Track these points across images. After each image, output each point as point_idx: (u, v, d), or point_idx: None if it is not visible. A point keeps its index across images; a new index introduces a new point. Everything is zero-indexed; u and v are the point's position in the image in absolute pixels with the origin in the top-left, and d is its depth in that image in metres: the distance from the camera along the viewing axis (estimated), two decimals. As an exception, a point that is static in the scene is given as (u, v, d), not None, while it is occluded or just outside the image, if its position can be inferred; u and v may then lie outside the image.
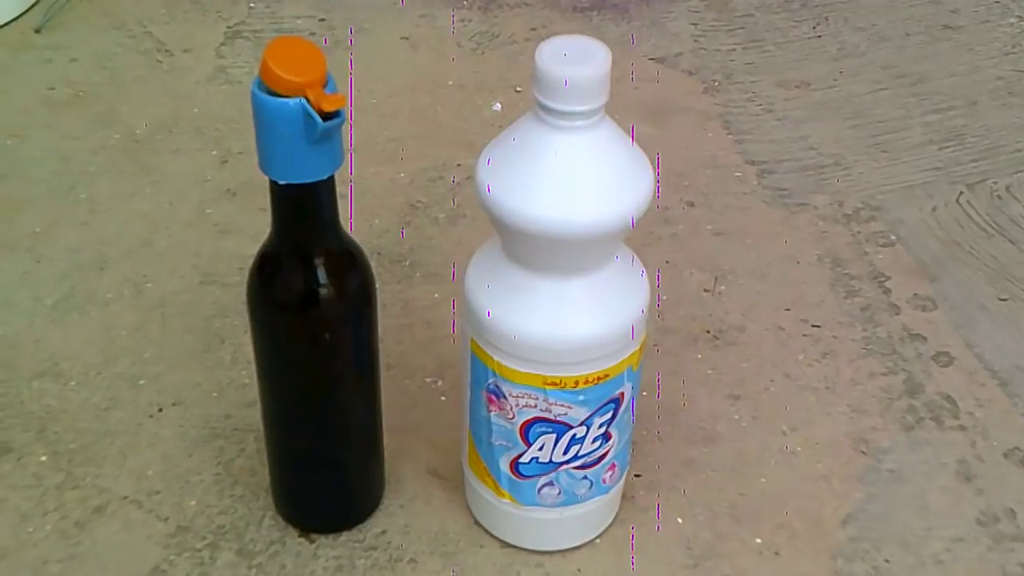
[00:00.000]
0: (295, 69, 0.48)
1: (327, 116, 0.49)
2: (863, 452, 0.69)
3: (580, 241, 0.52)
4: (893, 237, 0.85)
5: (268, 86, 0.49)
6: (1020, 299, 0.80)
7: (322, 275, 0.55)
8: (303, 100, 0.48)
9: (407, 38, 1.07)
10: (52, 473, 0.66)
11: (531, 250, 0.53)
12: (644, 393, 0.70)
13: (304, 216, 0.53)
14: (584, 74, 0.49)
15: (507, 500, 0.60)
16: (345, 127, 0.50)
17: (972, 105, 1.00)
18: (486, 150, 0.54)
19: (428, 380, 0.72)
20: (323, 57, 0.49)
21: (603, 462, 0.59)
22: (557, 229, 0.51)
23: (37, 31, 1.05)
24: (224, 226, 0.84)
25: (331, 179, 0.52)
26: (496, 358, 0.55)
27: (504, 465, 0.59)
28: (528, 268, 0.54)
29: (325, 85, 0.49)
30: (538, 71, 0.50)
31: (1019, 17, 1.12)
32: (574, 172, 0.51)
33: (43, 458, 0.67)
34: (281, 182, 0.51)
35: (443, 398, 0.71)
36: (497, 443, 0.58)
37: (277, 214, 0.54)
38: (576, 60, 0.50)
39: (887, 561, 0.63)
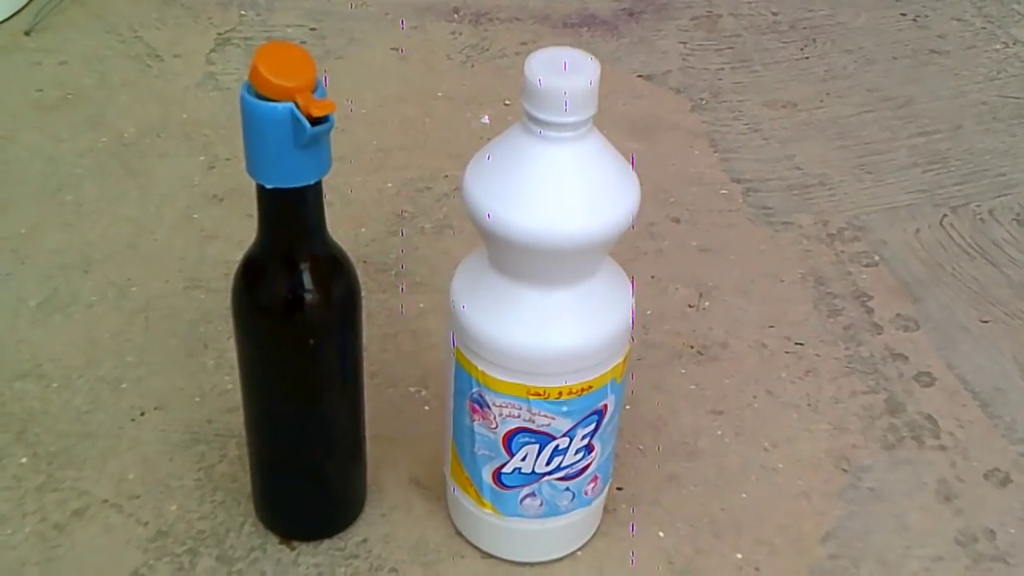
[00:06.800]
0: (285, 74, 0.48)
1: (315, 121, 0.49)
2: (844, 470, 0.69)
3: (566, 252, 0.52)
4: (876, 257, 0.86)
5: (257, 90, 0.49)
6: (1001, 321, 0.81)
7: (307, 280, 0.55)
8: (292, 105, 0.48)
9: (397, 49, 1.07)
10: (32, 475, 0.65)
11: (517, 260, 0.54)
12: (627, 407, 0.70)
13: (290, 221, 0.53)
14: (573, 85, 0.50)
15: (489, 510, 0.60)
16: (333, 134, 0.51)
17: (957, 129, 1.01)
18: (473, 160, 0.54)
19: (412, 389, 0.72)
20: (313, 62, 0.49)
21: (585, 474, 0.59)
22: (543, 240, 0.51)
23: (27, 33, 1.05)
24: (210, 231, 0.84)
25: (318, 184, 0.52)
26: (480, 367, 0.55)
27: (486, 475, 0.59)
28: (514, 278, 0.54)
29: (315, 90, 0.49)
30: (527, 82, 0.50)
31: (1005, 43, 1.14)
32: (561, 183, 0.52)
33: (23, 460, 0.66)
34: (268, 186, 0.51)
35: (427, 407, 0.71)
36: (480, 453, 0.58)
37: (263, 218, 0.54)
38: (565, 72, 0.50)
39: (866, 579, 0.63)
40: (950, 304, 0.82)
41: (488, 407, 0.56)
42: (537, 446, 0.57)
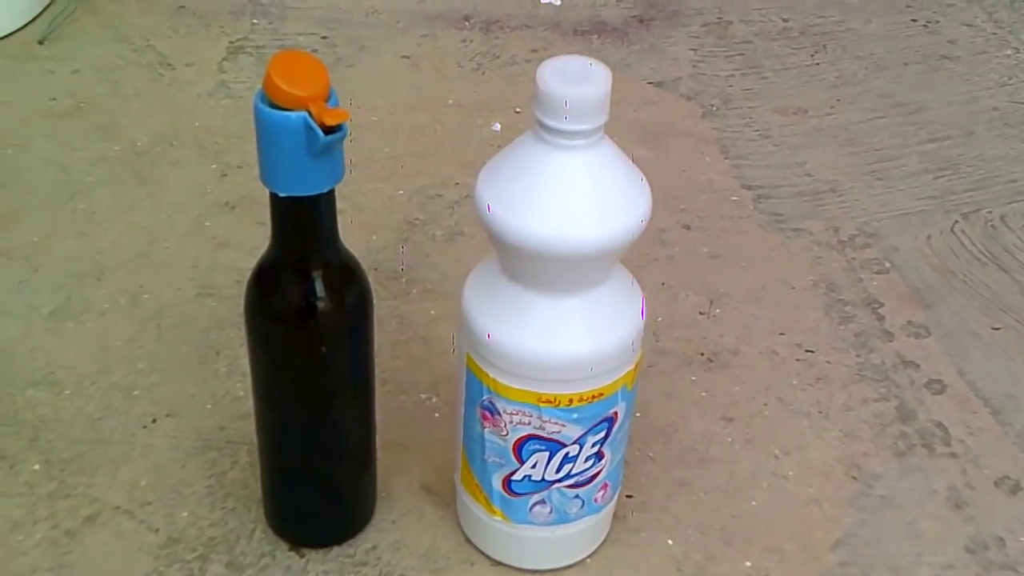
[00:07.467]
0: (298, 82, 0.49)
1: (329, 130, 0.49)
2: (854, 477, 0.69)
3: (577, 259, 0.52)
4: (888, 264, 0.86)
5: (271, 99, 0.49)
6: (1013, 328, 0.80)
7: (320, 288, 0.55)
8: (305, 114, 0.49)
9: (408, 57, 1.07)
10: (44, 482, 0.66)
11: (529, 267, 0.54)
12: (638, 414, 0.70)
13: (303, 229, 0.54)
14: (585, 94, 0.50)
15: (499, 518, 0.60)
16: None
17: (968, 135, 1.01)
18: (486, 167, 0.54)
19: (423, 396, 0.72)
20: (326, 71, 0.50)
21: (595, 481, 0.59)
22: (555, 247, 0.52)
23: (40, 42, 1.05)
24: (222, 239, 0.84)
25: (331, 193, 0.53)
26: (491, 374, 0.56)
27: (496, 482, 0.59)
28: (525, 285, 0.55)
29: (328, 99, 0.49)
30: (539, 90, 0.50)
31: (1016, 49, 1.13)
32: (573, 191, 0.52)
33: (36, 467, 0.67)
34: (282, 194, 0.51)
35: (437, 414, 0.71)
36: (490, 460, 0.58)
37: (276, 226, 0.54)
38: (577, 80, 0.50)
39: (877, 586, 0.63)
40: (961, 311, 0.82)
41: (499, 414, 0.56)
42: (547, 453, 0.57)
